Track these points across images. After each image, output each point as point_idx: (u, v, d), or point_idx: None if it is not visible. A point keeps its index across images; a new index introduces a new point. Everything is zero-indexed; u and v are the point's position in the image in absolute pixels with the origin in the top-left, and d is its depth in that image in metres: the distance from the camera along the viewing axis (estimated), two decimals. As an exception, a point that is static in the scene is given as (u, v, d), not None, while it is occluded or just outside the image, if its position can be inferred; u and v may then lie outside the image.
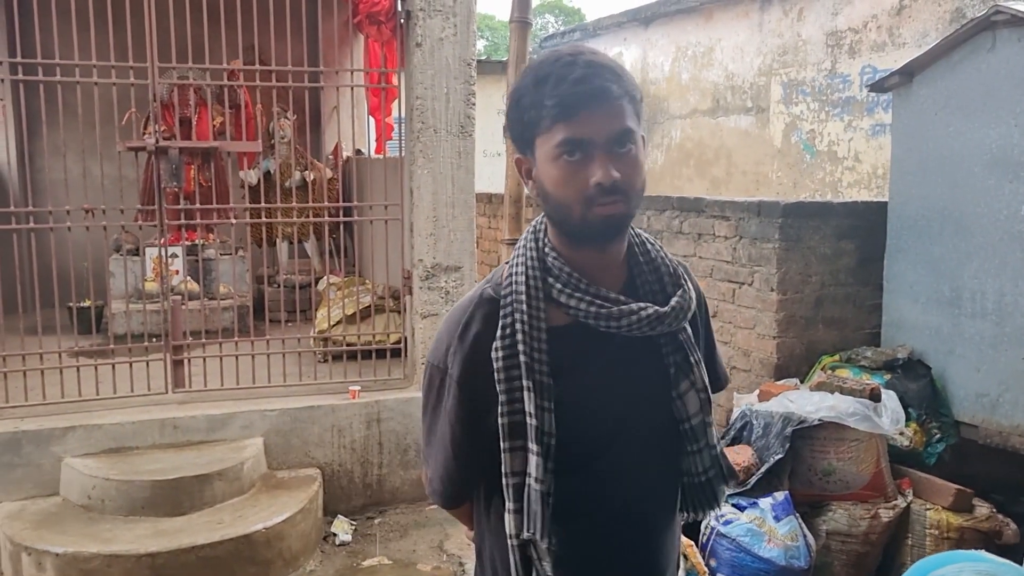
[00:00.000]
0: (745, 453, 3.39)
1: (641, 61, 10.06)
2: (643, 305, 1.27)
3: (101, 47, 3.93)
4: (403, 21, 4.42)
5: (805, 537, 3.14)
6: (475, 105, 4.44)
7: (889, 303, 3.95)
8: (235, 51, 4.56)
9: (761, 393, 3.68)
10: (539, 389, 1.24)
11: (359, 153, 6.84)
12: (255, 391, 4.30)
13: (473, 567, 1.52)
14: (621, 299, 1.27)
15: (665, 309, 1.28)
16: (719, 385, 1.55)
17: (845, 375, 3.65)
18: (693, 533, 3.25)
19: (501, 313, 1.28)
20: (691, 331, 1.34)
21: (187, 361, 4.29)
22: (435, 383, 1.36)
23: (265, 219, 4.74)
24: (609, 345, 1.29)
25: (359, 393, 4.31)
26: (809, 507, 3.32)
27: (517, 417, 1.25)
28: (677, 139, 9.51)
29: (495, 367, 1.26)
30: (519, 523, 1.25)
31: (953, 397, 3.58)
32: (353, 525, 4.14)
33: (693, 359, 1.32)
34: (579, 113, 1.20)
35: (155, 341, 4.25)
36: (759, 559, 3.06)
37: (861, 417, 3.25)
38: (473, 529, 1.50)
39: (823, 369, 3.80)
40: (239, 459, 3.86)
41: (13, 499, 3.72)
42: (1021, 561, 1.41)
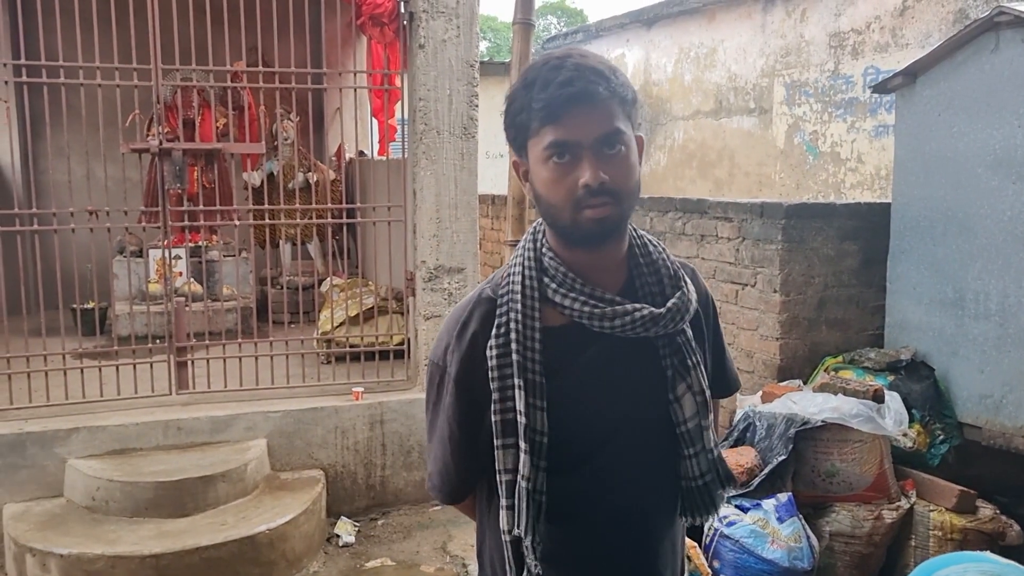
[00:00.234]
0: (748, 454, 3.39)
1: (644, 62, 10.06)
2: (638, 306, 1.27)
3: (104, 49, 3.93)
4: (406, 23, 4.42)
5: (808, 538, 3.14)
6: (478, 107, 4.45)
7: (892, 304, 3.95)
8: (238, 52, 4.56)
9: (764, 394, 3.68)
10: (531, 387, 1.25)
11: (362, 154, 6.84)
12: (258, 392, 4.30)
13: (476, 568, 1.52)
14: (616, 300, 1.28)
15: (660, 311, 1.27)
16: (730, 389, 1.54)
17: (848, 376, 3.64)
18: (696, 535, 3.25)
19: (497, 312, 1.30)
20: (693, 333, 1.34)
21: (191, 363, 4.30)
22: (435, 381, 1.38)
23: (268, 220, 4.73)
24: (605, 346, 1.29)
25: (362, 394, 4.31)
26: (812, 508, 3.31)
27: (509, 415, 1.26)
28: (680, 140, 9.51)
29: (489, 365, 1.27)
30: (511, 519, 1.26)
31: (956, 398, 3.58)
32: (356, 526, 4.14)
33: (691, 362, 1.32)
34: (565, 115, 1.21)
35: (159, 343, 4.25)
36: (762, 560, 3.06)
37: (864, 418, 3.25)
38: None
39: (826, 370, 3.80)
40: (243, 460, 3.86)
41: (17, 500, 3.73)
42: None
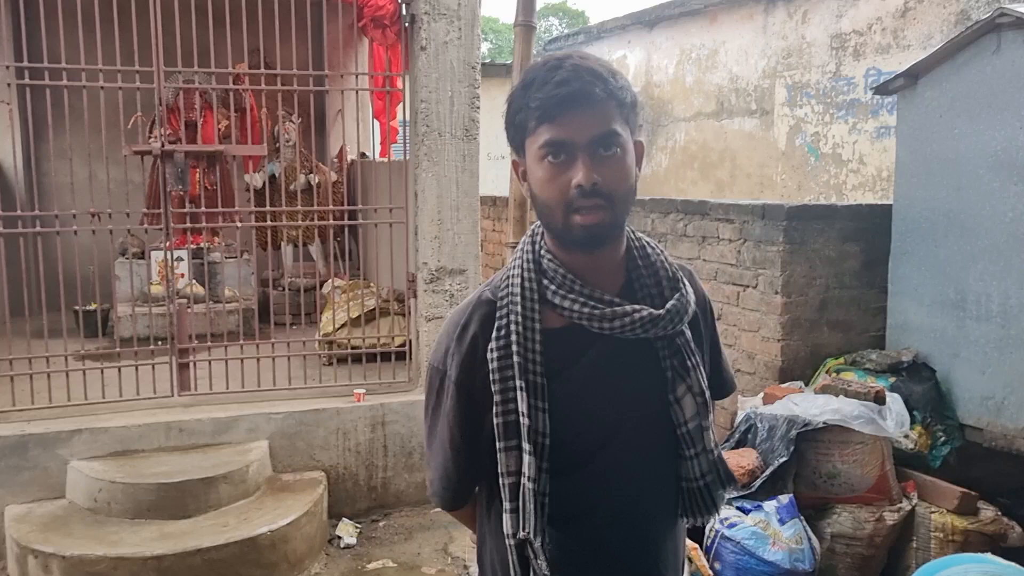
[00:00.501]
0: (749, 456, 3.39)
1: (645, 64, 10.06)
2: (637, 307, 1.27)
3: (107, 51, 3.94)
4: (407, 25, 4.43)
5: (810, 540, 3.13)
6: (479, 108, 4.45)
7: (894, 306, 3.95)
8: (240, 55, 4.57)
9: (765, 396, 3.68)
10: (532, 389, 1.25)
11: (363, 156, 6.85)
12: (260, 394, 4.30)
13: (476, 570, 1.52)
14: (615, 301, 1.28)
15: (660, 312, 1.28)
16: (726, 390, 1.54)
17: (850, 378, 3.64)
18: (697, 536, 3.25)
19: (497, 315, 1.30)
20: (691, 335, 1.34)
21: (192, 364, 4.30)
22: (435, 385, 1.37)
23: (270, 222, 4.75)
24: (605, 348, 1.29)
25: (364, 396, 4.32)
26: (813, 510, 3.31)
27: (511, 417, 1.26)
28: (681, 142, 9.51)
29: (490, 367, 1.27)
30: (515, 522, 1.25)
31: (958, 400, 3.57)
32: (358, 528, 4.14)
33: (691, 363, 1.32)
34: (561, 115, 1.22)
35: (160, 344, 4.26)
36: (763, 562, 3.06)
37: (866, 420, 3.25)
38: (476, 532, 1.50)
39: (827, 372, 3.80)
40: (244, 462, 3.87)
41: (20, 502, 3.73)
42: (1026, 564, 1.41)
